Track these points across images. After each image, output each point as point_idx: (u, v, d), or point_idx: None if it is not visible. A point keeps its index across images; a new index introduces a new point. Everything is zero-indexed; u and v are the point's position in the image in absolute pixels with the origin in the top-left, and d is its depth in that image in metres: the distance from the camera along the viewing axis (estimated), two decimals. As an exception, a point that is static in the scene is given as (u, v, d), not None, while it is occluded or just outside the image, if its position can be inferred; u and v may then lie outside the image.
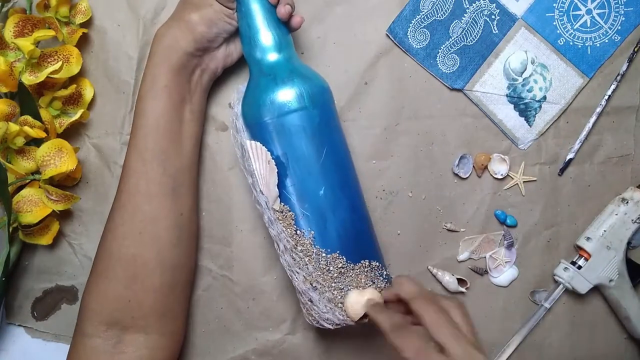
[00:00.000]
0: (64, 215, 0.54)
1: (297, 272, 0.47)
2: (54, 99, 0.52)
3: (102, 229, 0.48)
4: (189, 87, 0.48)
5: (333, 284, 0.46)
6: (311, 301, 0.46)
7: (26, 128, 0.48)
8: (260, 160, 0.46)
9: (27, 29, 0.50)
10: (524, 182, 0.56)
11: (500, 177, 0.56)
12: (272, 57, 0.47)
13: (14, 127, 0.47)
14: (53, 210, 0.50)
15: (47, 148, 0.49)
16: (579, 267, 0.54)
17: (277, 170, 0.46)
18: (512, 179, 0.56)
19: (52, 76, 0.49)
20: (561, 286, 0.55)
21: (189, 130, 0.49)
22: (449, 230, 0.56)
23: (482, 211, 0.56)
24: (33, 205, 0.50)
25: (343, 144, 0.49)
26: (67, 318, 0.55)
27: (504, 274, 0.56)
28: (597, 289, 0.56)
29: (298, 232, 0.46)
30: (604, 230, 0.54)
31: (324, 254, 0.46)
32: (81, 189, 0.55)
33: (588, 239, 0.55)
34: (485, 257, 0.56)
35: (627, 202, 0.54)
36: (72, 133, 0.55)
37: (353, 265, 0.46)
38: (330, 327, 0.46)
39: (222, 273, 0.55)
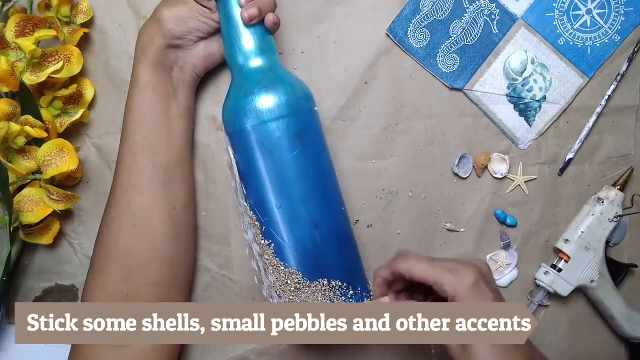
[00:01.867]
0: (65, 215, 0.54)
1: (264, 279, 0.47)
2: (55, 99, 0.52)
3: (102, 228, 0.48)
4: (171, 83, 0.48)
5: (291, 297, 0.46)
6: None
7: (27, 128, 0.48)
8: (236, 169, 0.47)
9: (29, 29, 0.50)
10: (525, 181, 0.56)
11: (500, 177, 0.56)
12: (245, 63, 0.47)
13: (15, 127, 0.47)
14: (54, 210, 0.50)
15: (48, 148, 0.49)
16: (560, 270, 0.54)
17: (239, 182, 0.46)
18: (513, 181, 0.56)
19: (53, 76, 0.50)
20: (543, 290, 0.55)
21: (177, 125, 0.49)
22: (449, 230, 0.56)
23: (482, 211, 0.56)
24: (34, 205, 0.50)
25: (317, 156, 0.47)
26: (67, 317, 0.55)
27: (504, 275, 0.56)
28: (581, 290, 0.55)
29: (264, 241, 0.46)
30: (582, 232, 0.54)
31: (282, 268, 0.46)
32: (82, 188, 0.55)
33: (567, 241, 0.54)
34: (485, 259, 0.56)
35: (603, 202, 0.53)
36: (72, 133, 0.55)
37: (309, 283, 0.45)
38: None
39: (222, 273, 0.55)
